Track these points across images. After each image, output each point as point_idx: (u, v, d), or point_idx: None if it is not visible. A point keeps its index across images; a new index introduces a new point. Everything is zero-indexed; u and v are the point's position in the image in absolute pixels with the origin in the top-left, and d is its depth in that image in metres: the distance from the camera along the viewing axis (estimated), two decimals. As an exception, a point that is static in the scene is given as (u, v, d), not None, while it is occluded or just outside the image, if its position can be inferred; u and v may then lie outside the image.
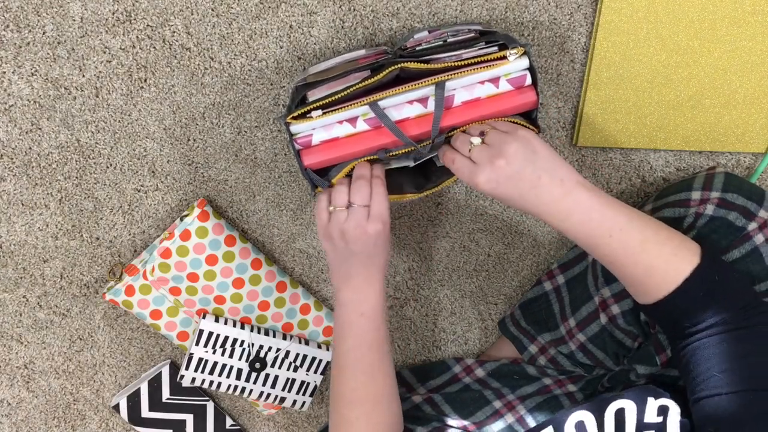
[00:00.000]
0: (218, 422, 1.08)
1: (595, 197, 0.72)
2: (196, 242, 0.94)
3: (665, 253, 0.71)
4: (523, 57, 0.78)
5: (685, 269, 0.70)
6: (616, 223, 0.72)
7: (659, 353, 0.85)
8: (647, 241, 0.71)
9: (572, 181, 0.73)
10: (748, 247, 0.78)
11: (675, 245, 0.71)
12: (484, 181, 0.73)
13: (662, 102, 0.93)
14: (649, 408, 0.74)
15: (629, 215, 0.73)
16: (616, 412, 0.75)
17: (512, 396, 0.95)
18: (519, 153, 0.72)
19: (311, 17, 0.90)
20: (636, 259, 0.72)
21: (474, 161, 0.75)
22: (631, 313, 0.89)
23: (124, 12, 0.88)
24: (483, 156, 0.74)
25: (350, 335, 0.82)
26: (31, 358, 1.04)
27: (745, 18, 0.89)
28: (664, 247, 0.71)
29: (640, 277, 0.72)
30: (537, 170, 0.72)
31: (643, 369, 0.86)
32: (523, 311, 1.01)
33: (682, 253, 0.71)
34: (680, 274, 0.70)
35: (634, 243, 0.71)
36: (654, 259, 0.71)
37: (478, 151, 0.75)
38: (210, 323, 0.98)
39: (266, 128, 0.95)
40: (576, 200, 0.72)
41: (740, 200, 0.80)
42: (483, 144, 0.75)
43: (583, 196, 0.72)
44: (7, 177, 0.94)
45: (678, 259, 0.71)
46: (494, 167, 0.73)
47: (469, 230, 1.03)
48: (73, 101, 0.91)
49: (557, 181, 0.72)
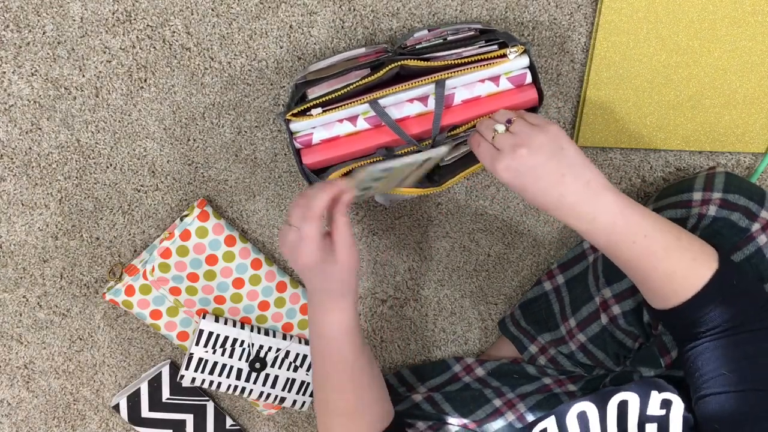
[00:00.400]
0: (218, 422, 1.08)
1: (621, 202, 0.71)
2: (196, 242, 0.94)
3: (686, 259, 0.70)
4: (523, 55, 0.79)
5: (705, 274, 0.70)
6: (641, 228, 0.70)
7: (663, 355, 0.84)
8: (669, 247, 0.70)
9: (599, 184, 0.71)
10: (752, 248, 0.78)
11: (695, 250, 0.71)
12: (503, 168, 0.71)
13: (662, 102, 0.93)
14: (653, 401, 0.74)
15: (654, 221, 0.71)
16: (619, 404, 0.75)
17: (512, 394, 0.95)
18: (544, 146, 0.70)
19: (311, 17, 0.90)
20: (657, 264, 0.71)
21: (497, 148, 0.73)
22: (632, 313, 0.88)
23: (124, 12, 0.88)
24: (506, 143, 0.72)
25: (314, 352, 0.82)
26: (31, 358, 1.04)
27: (745, 18, 0.89)
28: (686, 252, 0.70)
29: (661, 282, 0.71)
30: (561, 167, 0.70)
31: (647, 371, 0.86)
32: (523, 311, 1.01)
33: (702, 258, 0.70)
34: (700, 280, 0.69)
35: (658, 249, 0.70)
36: (675, 264, 0.70)
37: (502, 137, 0.72)
38: (210, 323, 0.98)
39: (266, 128, 0.95)
40: (602, 204, 0.70)
41: (742, 201, 0.80)
42: (507, 132, 0.73)
43: (609, 201, 0.71)
44: (7, 177, 0.94)
45: (698, 264, 0.70)
46: (515, 155, 0.70)
47: (469, 230, 1.03)
48: (73, 101, 0.91)
49: (583, 183, 0.70)
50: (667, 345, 0.84)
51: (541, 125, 0.73)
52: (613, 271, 0.89)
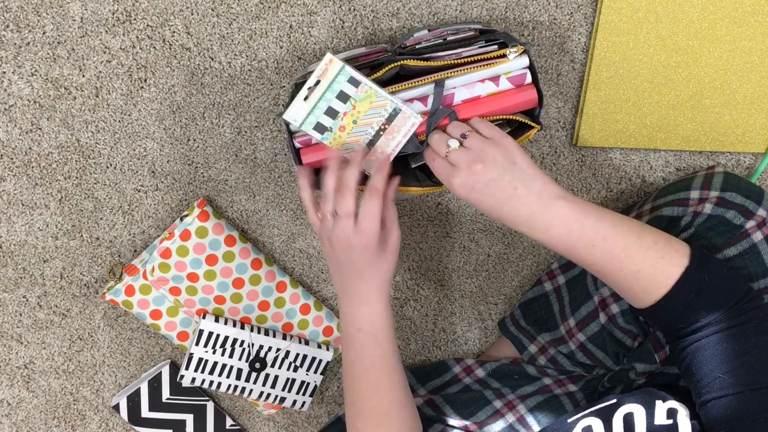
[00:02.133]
0: (218, 422, 1.08)
1: (575, 208, 0.71)
2: (196, 242, 0.94)
3: (650, 257, 0.70)
4: (522, 55, 0.79)
5: (674, 272, 0.70)
6: (597, 232, 0.71)
7: (657, 351, 0.85)
8: (630, 247, 0.71)
9: (551, 194, 0.71)
10: (746, 244, 0.78)
11: (660, 248, 0.71)
12: (459, 184, 0.72)
13: (662, 102, 0.93)
14: (658, 411, 0.74)
15: (612, 222, 0.72)
16: (624, 417, 0.74)
17: (512, 396, 0.95)
18: (498, 160, 0.71)
19: (311, 17, 0.90)
20: (621, 266, 0.71)
21: (451, 163, 0.73)
22: (631, 312, 0.89)
23: (124, 12, 0.88)
24: (461, 159, 0.73)
25: (350, 348, 0.80)
26: (31, 358, 1.04)
27: (745, 18, 0.89)
28: (649, 251, 0.71)
29: (628, 283, 0.72)
30: (514, 180, 0.71)
31: (642, 367, 0.86)
32: (523, 311, 1.01)
33: (669, 255, 0.71)
34: (670, 278, 0.70)
35: (618, 250, 0.71)
36: (639, 264, 0.70)
37: (456, 153, 0.73)
38: (210, 323, 0.98)
39: (266, 128, 0.95)
40: (555, 213, 0.71)
41: (739, 199, 0.80)
42: (461, 147, 0.74)
43: (562, 209, 0.71)
44: (7, 177, 0.94)
45: (665, 261, 0.70)
46: (471, 171, 0.71)
47: (469, 230, 1.03)
48: (73, 101, 0.91)
49: (535, 194, 0.71)
50: (661, 341, 0.85)
51: (494, 138, 0.73)
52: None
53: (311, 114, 0.78)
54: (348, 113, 0.78)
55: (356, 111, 0.78)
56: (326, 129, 0.78)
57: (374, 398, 0.80)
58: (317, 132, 0.78)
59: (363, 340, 0.79)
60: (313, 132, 0.78)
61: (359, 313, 0.79)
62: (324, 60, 0.76)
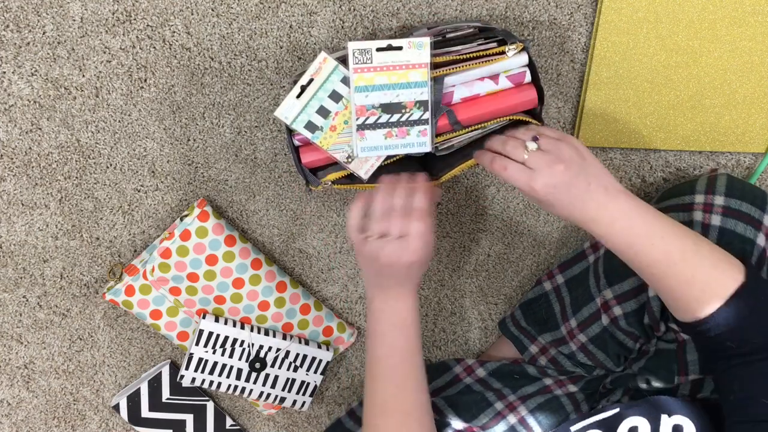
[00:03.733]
0: (218, 422, 1.08)
1: (637, 203, 0.72)
2: (196, 242, 0.94)
3: (706, 266, 0.70)
4: (522, 53, 0.78)
5: (730, 284, 0.69)
6: (657, 230, 0.71)
7: (680, 374, 0.83)
8: (687, 251, 0.70)
9: (616, 189, 0.72)
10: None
11: (716, 259, 0.70)
12: (541, 185, 0.72)
13: (662, 102, 0.93)
14: (664, 427, 0.73)
15: (671, 223, 0.72)
16: (629, 430, 0.74)
17: (513, 396, 0.95)
18: (574, 159, 0.72)
19: (311, 17, 0.90)
20: (676, 269, 0.70)
21: (529, 167, 0.73)
22: (634, 314, 0.88)
23: (124, 12, 0.88)
24: (541, 161, 0.72)
25: (382, 344, 0.81)
26: (31, 358, 1.04)
27: (745, 18, 0.89)
28: (705, 259, 0.70)
29: (681, 289, 0.71)
30: (588, 177, 0.72)
31: (657, 383, 0.85)
32: (523, 311, 1.01)
33: (724, 266, 0.70)
34: (726, 289, 0.68)
35: (675, 252, 0.70)
36: (695, 270, 0.70)
37: (535, 156, 0.73)
38: (210, 323, 0.98)
39: (266, 128, 0.95)
40: (620, 207, 0.72)
41: (745, 207, 0.80)
42: (539, 150, 0.74)
43: (627, 203, 0.72)
44: (7, 177, 0.94)
45: (720, 272, 0.69)
46: (553, 172, 0.72)
47: (469, 230, 1.03)
48: (73, 101, 0.91)
49: (602, 188, 0.72)
50: (689, 366, 0.82)
51: (561, 138, 0.74)
52: (614, 271, 0.89)
53: (303, 112, 0.78)
54: (340, 113, 0.78)
55: (348, 111, 0.78)
56: (317, 128, 0.79)
57: (399, 396, 0.81)
58: (308, 131, 0.79)
59: (396, 336, 0.81)
60: (303, 130, 0.79)
61: (396, 310, 0.80)
62: (318, 58, 0.76)
